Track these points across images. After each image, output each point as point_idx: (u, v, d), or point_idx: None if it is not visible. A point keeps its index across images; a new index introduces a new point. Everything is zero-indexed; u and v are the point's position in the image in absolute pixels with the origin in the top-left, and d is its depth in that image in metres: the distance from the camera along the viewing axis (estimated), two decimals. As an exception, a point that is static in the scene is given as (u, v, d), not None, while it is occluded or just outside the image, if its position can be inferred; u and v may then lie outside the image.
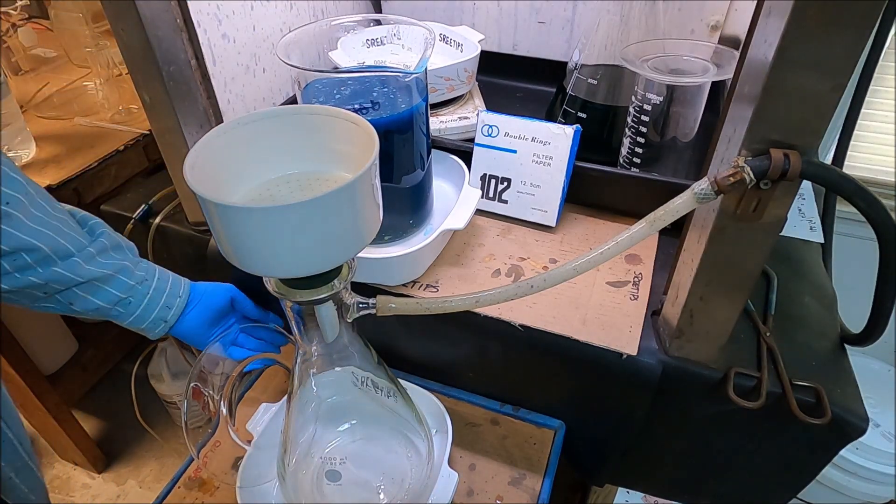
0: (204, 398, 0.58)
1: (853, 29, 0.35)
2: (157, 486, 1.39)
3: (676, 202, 0.43)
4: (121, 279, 0.55)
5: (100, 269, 0.53)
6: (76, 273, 0.51)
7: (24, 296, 0.51)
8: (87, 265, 0.52)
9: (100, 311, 0.55)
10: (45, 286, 0.51)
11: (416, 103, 0.58)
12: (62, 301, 0.53)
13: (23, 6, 1.23)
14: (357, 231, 0.37)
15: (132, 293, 0.56)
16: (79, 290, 0.53)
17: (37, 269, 0.49)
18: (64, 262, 0.51)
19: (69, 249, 0.51)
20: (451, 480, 0.56)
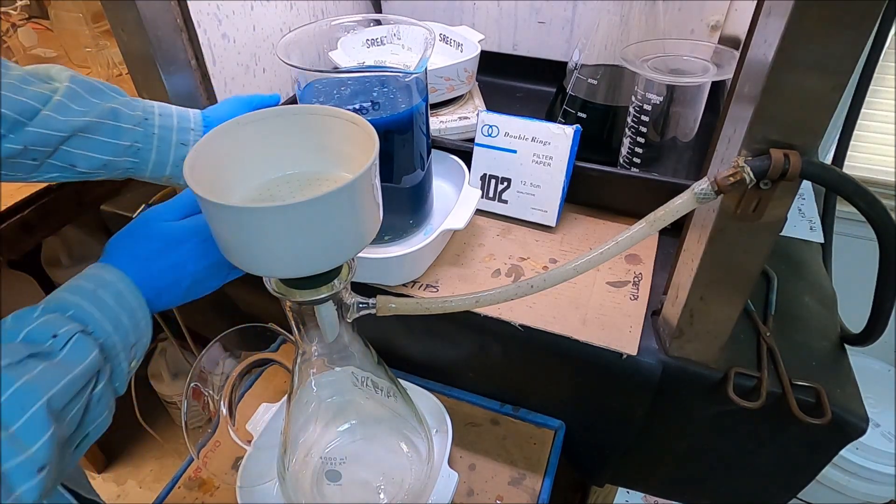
0: (204, 398, 0.58)
1: (853, 29, 0.35)
2: (157, 486, 1.39)
3: (676, 202, 0.43)
4: (112, 125, 0.49)
5: (80, 118, 0.47)
6: (53, 128, 0.46)
7: (16, 167, 0.46)
8: (61, 116, 0.46)
9: (109, 167, 0.50)
10: (27, 151, 0.46)
11: (416, 103, 0.58)
12: (62, 165, 0.48)
13: (23, 6, 1.23)
14: (357, 231, 0.37)
15: (135, 138, 0.50)
16: (70, 147, 0.47)
17: (7, 135, 0.44)
18: (34, 121, 0.45)
19: (33, 105, 0.45)
20: (451, 480, 0.56)
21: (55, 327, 0.33)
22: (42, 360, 0.31)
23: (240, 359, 0.63)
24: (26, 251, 0.92)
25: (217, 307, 0.85)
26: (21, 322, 0.33)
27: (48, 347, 0.32)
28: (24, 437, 0.28)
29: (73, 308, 0.35)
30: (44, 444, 0.28)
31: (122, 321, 0.37)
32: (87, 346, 0.34)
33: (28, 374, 0.29)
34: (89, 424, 0.34)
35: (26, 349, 0.31)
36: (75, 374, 0.32)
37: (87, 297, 0.36)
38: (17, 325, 0.33)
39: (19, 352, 0.30)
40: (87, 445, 0.35)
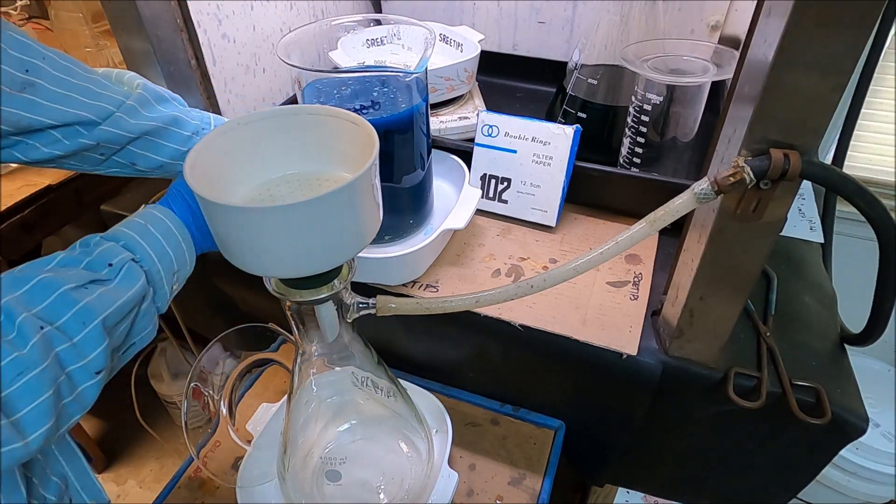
0: (204, 398, 0.58)
1: (853, 29, 0.35)
2: (157, 486, 1.38)
3: (676, 202, 0.43)
4: (175, 131, 0.54)
5: (148, 122, 0.52)
6: (124, 129, 0.50)
7: (85, 160, 0.51)
8: (132, 119, 0.51)
9: (164, 168, 0.54)
10: (99, 147, 0.50)
11: (417, 103, 0.58)
12: (124, 162, 0.53)
13: (23, 6, 1.23)
14: (357, 231, 0.37)
15: (191, 145, 0.53)
16: (135, 148, 0.52)
17: (83, 132, 0.49)
18: (107, 121, 0.50)
19: (107, 108, 0.50)
20: (451, 480, 0.56)
21: (110, 256, 0.39)
22: (100, 285, 0.37)
23: (240, 359, 0.63)
24: (26, 251, 0.92)
25: (217, 307, 0.85)
26: (85, 249, 0.40)
27: (105, 275, 0.38)
28: (85, 348, 0.35)
29: (125, 239, 0.42)
30: (100, 353, 0.35)
31: (167, 252, 0.43)
32: (135, 274, 0.40)
33: (89, 297, 0.36)
34: (135, 336, 0.41)
35: (88, 276, 0.37)
36: (125, 298, 0.38)
37: (138, 231, 0.43)
38: (82, 253, 0.39)
39: (83, 277, 0.37)
40: (132, 352, 0.42)
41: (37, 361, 0.32)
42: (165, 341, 1.31)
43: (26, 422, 0.31)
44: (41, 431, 0.32)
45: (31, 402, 0.31)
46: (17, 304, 0.33)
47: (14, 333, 0.32)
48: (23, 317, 0.32)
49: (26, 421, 0.31)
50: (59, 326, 0.34)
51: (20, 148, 0.49)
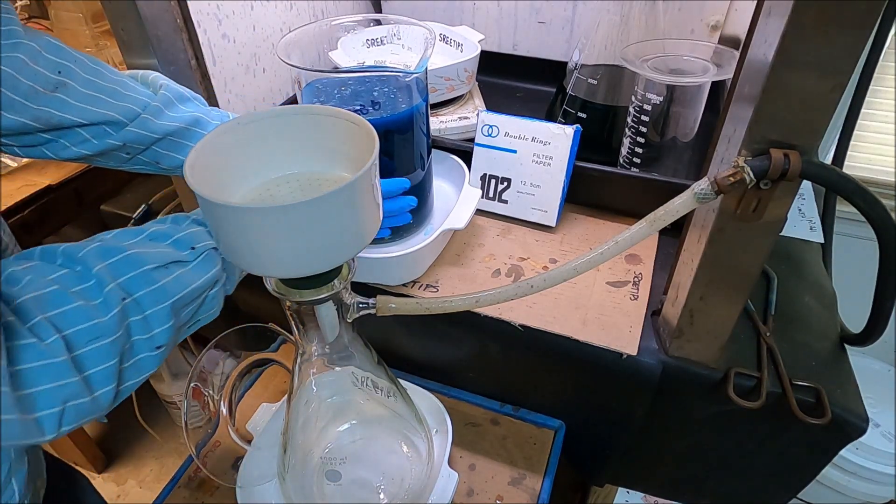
0: (204, 398, 0.58)
1: (853, 29, 0.35)
2: (157, 486, 1.38)
3: (676, 202, 0.43)
4: (197, 132, 0.55)
5: (172, 123, 0.53)
6: (149, 130, 0.52)
7: (112, 158, 0.54)
8: (157, 120, 0.53)
9: None
10: (125, 147, 0.52)
11: (417, 103, 0.58)
12: (149, 161, 0.55)
13: (23, 6, 1.23)
14: (357, 231, 0.37)
15: None
16: (159, 148, 0.54)
17: (111, 132, 0.51)
18: (133, 122, 0.51)
19: (133, 109, 0.52)
20: (451, 480, 0.56)
21: (195, 240, 0.41)
22: (179, 266, 0.39)
23: (240, 359, 0.63)
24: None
25: (217, 307, 0.85)
26: (176, 226, 0.41)
27: (186, 256, 0.40)
28: (153, 323, 0.37)
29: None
30: (164, 330, 0.38)
31: None
32: (213, 261, 0.41)
33: (167, 278, 0.38)
34: (201, 314, 0.43)
35: (171, 255, 0.39)
36: (199, 283, 0.40)
37: None
38: (171, 229, 0.41)
39: (166, 257, 0.39)
40: (197, 328, 0.44)
41: (112, 330, 0.35)
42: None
43: (95, 380, 0.34)
44: (107, 390, 0.35)
45: (100, 365, 0.34)
46: (106, 274, 0.35)
47: (100, 300, 0.35)
48: (110, 287, 0.35)
49: (94, 379, 0.34)
50: (136, 299, 0.36)
51: (51, 147, 0.51)
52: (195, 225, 0.42)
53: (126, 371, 0.36)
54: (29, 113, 0.47)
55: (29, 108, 0.47)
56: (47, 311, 0.33)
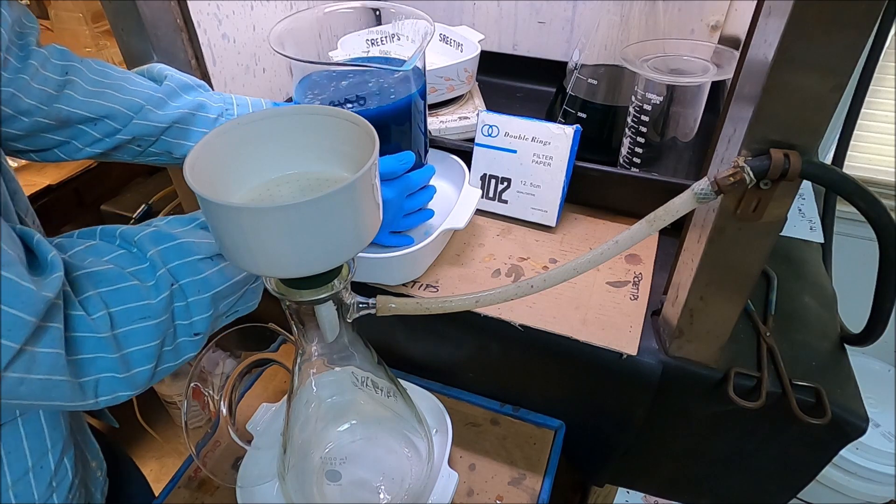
0: (204, 398, 0.58)
1: (853, 29, 0.35)
2: (157, 486, 1.38)
3: (676, 202, 0.43)
4: (201, 116, 0.56)
5: (176, 111, 0.55)
6: (156, 120, 0.54)
7: (125, 152, 0.56)
8: (161, 111, 0.54)
9: None
10: (135, 140, 0.54)
11: (411, 93, 0.57)
12: (160, 152, 0.56)
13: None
14: (357, 231, 0.37)
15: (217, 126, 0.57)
16: (168, 137, 0.55)
17: (119, 127, 0.53)
18: (139, 115, 0.53)
19: (137, 102, 0.53)
20: (451, 480, 0.56)
21: None
22: (223, 260, 0.41)
23: (240, 359, 0.63)
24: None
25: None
26: None
27: None
28: (193, 311, 0.39)
29: None
30: (203, 319, 0.40)
31: None
32: None
33: (211, 269, 0.40)
34: (240, 306, 0.45)
35: (216, 248, 0.41)
36: (240, 277, 0.42)
37: None
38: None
39: (212, 249, 0.41)
40: (235, 317, 0.46)
41: (159, 313, 0.37)
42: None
43: (133, 358, 0.36)
44: (144, 369, 0.37)
45: (141, 345, 0.36)
46: (158, 258, 0.38)
47: (153, 282, 0.37)
48: (162, 271, 0.37)
49: (133, 358, 0.36)
50: (182, 286, 0.38)
51: (64, 149, 0.53)
52: None
53: (166, 354, 0.38)
54: (40, 112, 0.49)
55: (40, 108, 0.49)
56: (100, 287, 0.35)
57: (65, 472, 0.44)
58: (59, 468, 0.44)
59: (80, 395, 0.34)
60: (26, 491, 0.41)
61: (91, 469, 0.52)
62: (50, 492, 0.43)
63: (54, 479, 0.43)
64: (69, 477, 0.45)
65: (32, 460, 0.41)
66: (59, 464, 0.44)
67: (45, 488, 0.42)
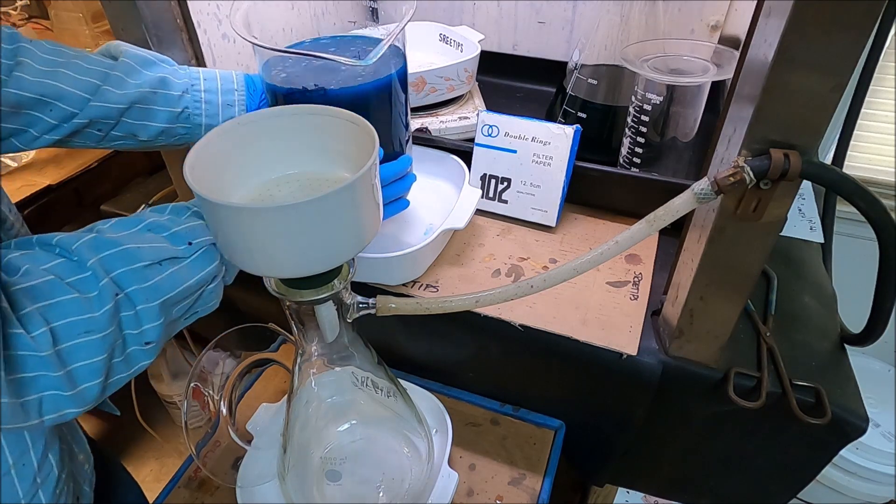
0: (204, 398, 0.58)
1: (853, 29, 0.35)
2: (157, 486, 1.38)
3: (676, 202, 0.43)
4: (163, 93, 0.53)
5: (135, 90, 0.51)
6: (113, 101, 0.51)
7: (85, 137, 0.52)
8: (119, 90, 0.51)
9: (166, 134, 0.54)
10: (93, 124, 0.51)
11: (389, 75, 0.54)
12: (124, 135, 0.53)
13: (23, 6, 1.23)
14: (357, 231, 0.37)
15: (184, 103, 0.54)
16: (129, 119, 0.52)
17: (75, 111, 0.50)
18: (96, 96, 0.50)
19: (93, 83, 0.50)
20: (451, 480, 0.56)
21: (194, 235, 0.40)
22: (173, 264, 0.38)
23: (240, 359, 0.63)
24: (26, 251, 0.92)
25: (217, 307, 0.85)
26: (175, 218, 0.40)
27: (182, 252, 0.39)
28: (143, 319, 0.37)
29: None
30: (153, 327, 0.37)
31: None
32: (210, 257, 0.40)
33: (159, 276, 0.37)
34: (199, 307, 0.42)
35: (166, 251, 0.38)
36: (193, 280, 0.39)
37: None
38: (170, 221, 0.40)
39: (160, 253, 0.38)
40: (194, 319, 0.43)
41: (104, 326, 0.34)
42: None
43: (79, 374, 0.34)
44: (92, 384, 0.35)
45: (86, 360, 0.34)
46: (100, 267, 0.35)
47: (95, 293, 0.34)
48: (105, 281, 0.35)
49: (79, 374, 0.34)
50: (128, 294, 0.36)
51: (20, 138, 0.50)
52: (195, 218, 0.41)
53: (116, 365, 0.36)
54: None
55: None
56: (39, 302, 0.32)
57: (49, 467, 0.43)
58: (44, 465, 0.43)
59: (22, 415, 0.32)
60: (10, 490, 0.40)
61: (78, 462, 0.51)
62: (35, 489, 0.42)
63: (38, 476, 0.42)
64: (54, 472, 0.44)
65: (13, 459, 0.40)
66: (43, 460, 0.43)
67: (29, 485, 0.41)
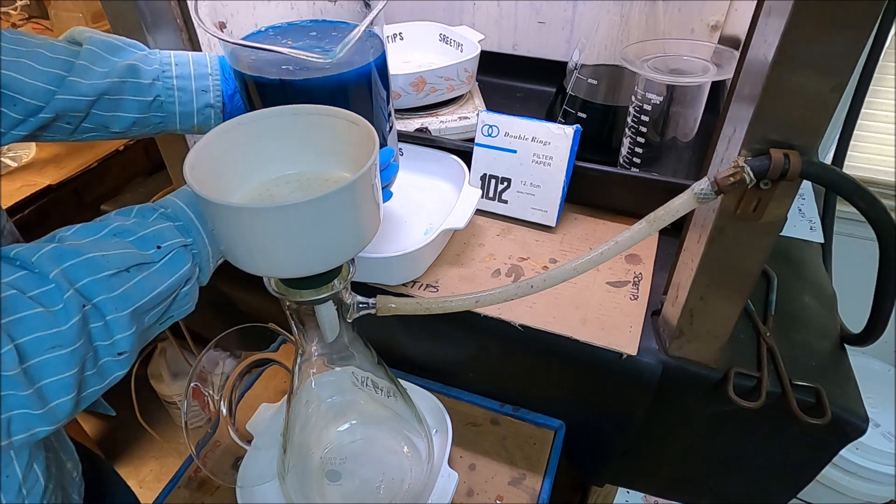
0: (204, 398, 0.58)
1: (853, 29, 0.35)
2: (157, 486, 1.38)
3: (676, 202, 0.43)
4: (133, 82, 0.50)
5: (103, 80, 0.49)
6: (80, 93, 0.48)
7: (55, 131, 0.50)
8: (86, 80, 0.48)
9: (140, 124, 0.52)
10: (61, 117, 0.48)
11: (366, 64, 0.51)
12: (95, 126, 0.51)
13: (23, 6, 1.23)
14: (357, 231, 0.37)
15: (156, 92, 0.51)
16: (99, 111, 0.50)
17: (41, 104, 0.47)
18: (62, 88, 0.47)
19: (58, 74, 0.47)
20: (451, 480, 0.56)
21: (162, 238, 0.38)
22: (142, 270, 0.37)
23: (240, 359, 0.63)
24: (26, 251, 0.92)
25: (217, 307, 0.85)
26: (141, 220, 0.39)
27: (150, 257, 0.37)
28: (113, 330, 0.35)
29: (183, 219, 0.40)
30: (125, 337, 0.36)
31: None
32: (182, 260, 0.39)
33: (127, 284, 0.36)
34: (173, 311, 0.41)
35: (133, 257, 0.36)
36: (165, 285, 0.38)
37: (197, 212, 0.41)
38: (136, 224, 0.38)
39: (127, 260, 0.36)
40: (170, 323, 0.42)
41: (72, 340, 0.33)
42: (165, 341, 1.31)
43: (49, 391, 0.32)
44: (63, 401, 0.33)
45: (56, 376, 0.32)
46: (63, 278, 0.33)
47: (60, 306, 0.33)
48: (70, 293, 0.33)
49: (49, 390, 0.32)
50: (95, 304, 0.34)
51: None
52: (163, 220, 0.39)
53: (89, 378, 0.35)
54: None
55: None
56: (2, 318, 0.31)
57: (35, 478, 0.43)
58: (28, 476, 0.42)
59: None
60: None
61: (66, 471, 0.50)
62: (21, 499, 0.41)
63: (24, 487, 0.41)
64: (41, 483, 0.43)
65: None
66: (28, 471, 0.42)
67: (14, 496, 0.41)
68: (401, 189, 0.75)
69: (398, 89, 0.81)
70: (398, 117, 0.84)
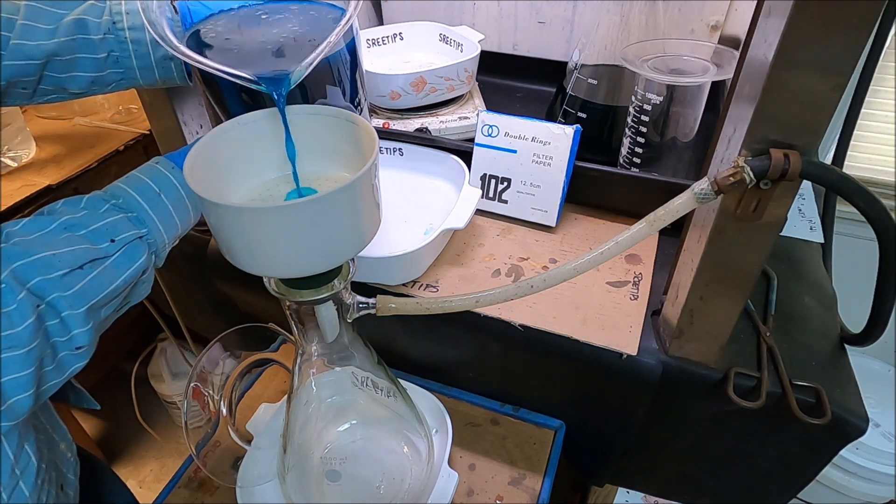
0: (204, 398, 0.58)
1: (853, 29, 0.35)
2: (157, 486, 1.38)
3: (676, 202, 0.43)
4: (83, 38, 0.47)
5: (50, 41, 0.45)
6: (27, 57, 0.45)
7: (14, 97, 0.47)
8: (31, 41, 0.45)
9: (99, 83, 0.49)
10: (15, 84, 0.46)
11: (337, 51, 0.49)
12: (53, 88, 0.48)
13: (23, 6, 1.23)
14: (357, 231, 0.37)
15: (110, 47, 0.48)
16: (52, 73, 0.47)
17: None
18: (8, 53, 0.44)
19: (3, 35, 0.44)
20: (451, 480, 0.56)
21: (116, 231, 0.38)
22: (96, 266, 0.36)
23: (240, 359, 0.63)
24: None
25: (217, 307, 0.85)
26: (92, 212, 0.38)
27: (104, 251, 0.37)
28: (70, 325, 0.35)
29: (137, 210, 0.40)
30: (84, 332, 0.36)
31: (174, 222, 0.42)
32: (137, 253, 0.39)
33: (81, 282, 0.35)
34: (131, 298, 0.41)
35: (86, 253, 0.36)
36: (120, 281, 0.38)
37: (151, 200, 0.41)
38: (86, 216, 0.37)
39: (81, 256, 0.36)
40: (127, 309, 0.41)
41: (27, 341, 0.33)
42: (165, 341, 1.31)
43: (7, 389, 0.32)
44: (22, 397, 0.33)
45: (13, 374, 0.32)
46: (14, 279, 0.33)
47: (13, 306, 0.32)
48: (22, 294, 0.33)
49: (7, 388, 0.32)
50: (49, 302, 0.34)
51: None
52: (115, 212, 0.38)
53: (48, 373, 0.35)
54: None
55: None
56: None
57: (27, 458, 0.42)
58: (20, 456, 0.42)
59: None
60: None
61: (60, 451, 0.49)
62: (14, 481, 0.41)
63: (16, 468, 0.41)
64: (33, 462, 0.43)
65: None
66: (20, 451, 0.41)
67: (8, 477, 0.40)
68: (401, 189, 0.75)
69: (398, 89, 0.81)
70: (398, 117, 0.85)
